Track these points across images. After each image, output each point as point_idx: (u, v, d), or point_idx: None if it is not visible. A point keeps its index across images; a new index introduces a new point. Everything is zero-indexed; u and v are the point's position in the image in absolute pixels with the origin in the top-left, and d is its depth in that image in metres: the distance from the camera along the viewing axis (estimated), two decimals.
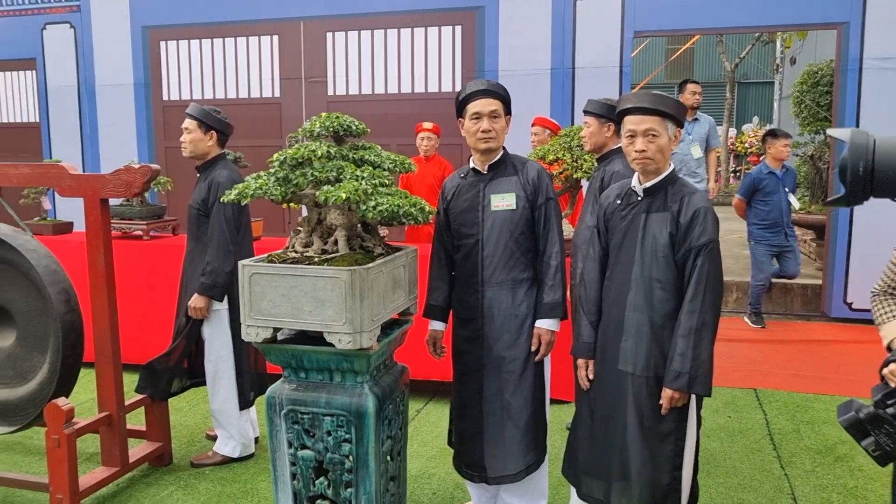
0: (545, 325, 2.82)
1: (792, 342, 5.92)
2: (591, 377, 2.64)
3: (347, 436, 2.48)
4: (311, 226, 2.62)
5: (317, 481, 2.54)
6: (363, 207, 2.42)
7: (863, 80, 6.02)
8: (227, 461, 3.74)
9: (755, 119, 20.28)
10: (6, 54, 7.89)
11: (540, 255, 2.85)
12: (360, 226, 2.66)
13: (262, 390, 3.74)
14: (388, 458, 2.66)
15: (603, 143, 3.63)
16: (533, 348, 2.83)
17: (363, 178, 2.47)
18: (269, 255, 2.56)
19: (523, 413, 2.83)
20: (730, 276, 7.39)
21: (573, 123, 6.11)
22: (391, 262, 2.56)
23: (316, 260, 2.45)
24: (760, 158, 16.72)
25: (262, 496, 3.42)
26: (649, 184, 2.50)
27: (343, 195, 2.34)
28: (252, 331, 2.46)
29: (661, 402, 2.42)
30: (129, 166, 3.30)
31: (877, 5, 5.94)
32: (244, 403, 3.71)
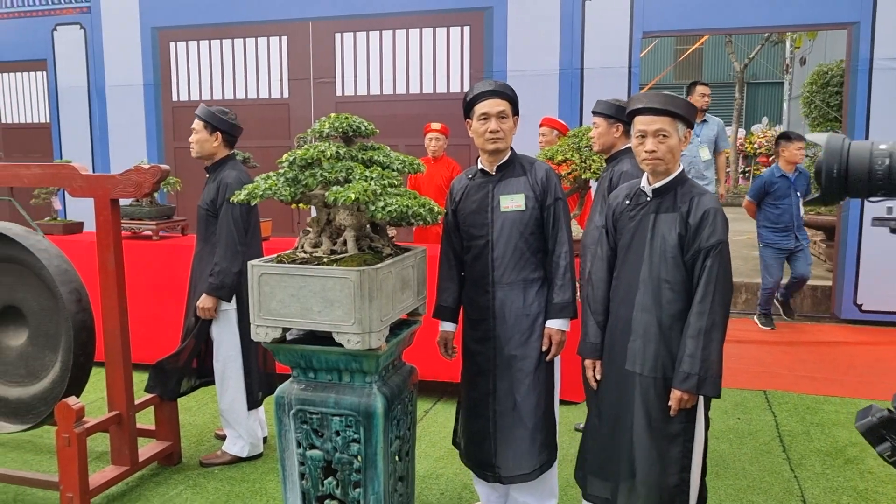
0: (555, 325, 2.82)
1: (802, 344, 5.89)
2: (598, 377, 2.64)
3: (356, 436, 2.48)
4: (321, 226, 2.63)
5: (325, 481, 2.55)
6: (372, 208, 2.42)
7: (873, 80, 5.99)
8: (235, 461, 3.75)
9: (764, 119, 20.20)
10: (17, 55, 7.95)
11: (549, 255, 2.85)
12: (368, 226, 2.67)
13: (271, 390, 3.75)
14: (397, 458, 2.67)
15: (612, 144, 3.64)
16: (543, 348, 2.83)
17: (372, 178, 2.48)
18: (278, 255, 2.57)
19: (536, 412, 2.83)
20: (739, 278, 7.36)
21: (581, 124, 6.10)
22: (400, 262, 2.56)
23: (325, 260, 2.46)
24: (770, 159, 16.65)
25: (271, 496, 3.43)
26: (659, 184, 2.50)
27: (352, 196, 2.35)
28: (261, 331, 2.47)
29: (669, 404, 2.42)
30: (140, 167, 3.31)
31: (887, 5, 5.91)
32: (252, 403, 3.73)
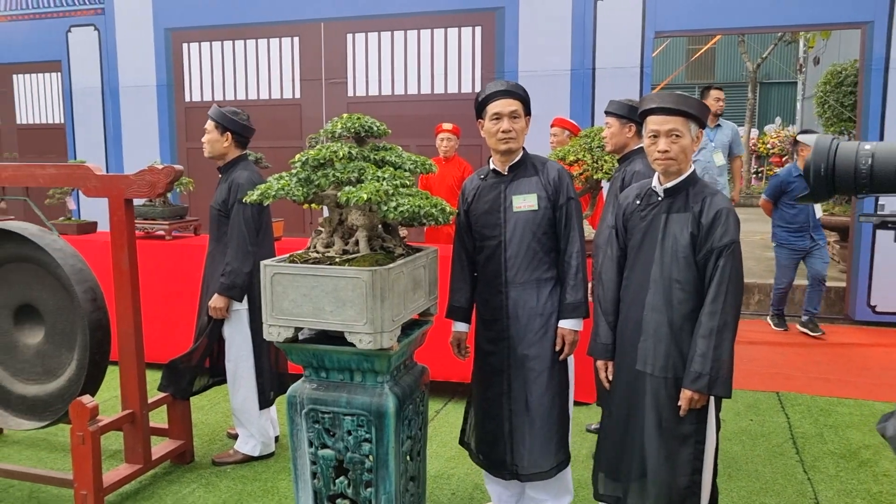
0: (568, 325, 2.82)
1: (815, 345, 5.86)
2: (610, 378, 2.64)
3: (367, 435, 2.49)
4: (333, 226, 2.64)
5: (337, 480, 2.56)
6: (384, 208, 2.43)
7: (888, 79, 5.94)
8: (247, 459, 3.77)
9: (777, 120, 20.08)
10: (32, 56, 8.02)
11: (561, 254, 2.85)
12: (380, 226, 2.67)
13: (283, 390, 3.76)
14: (408, 457, 2.67)
15: (624, 144, 3.63)
16: (557, 348, 2.83)
17: (384, 178, 2.48)
18: (290, 255, 2.58)
19: (552, 412, 2.83)
20: (752, 279, 7.33)
21: (593, 124, 6.09)
22: (412, 262, 2.57)
23: (337, 260, 2.47)
24: (783, 159, 16.54)
25: (283, 495, 3.44)
26: (670, 184, 2.49)
27: (364, 196, 2.35)
28: (274, 330, 2.48)
29: (679, 403, 2.41)
30: (153, 167, 3.33)
31: None
32: (264, 403, 3.74)
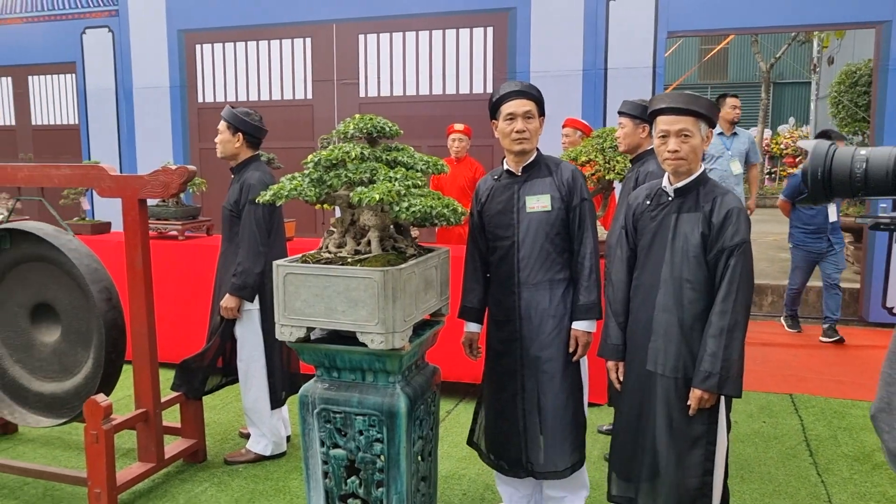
0: (582, 326, 2.81)
1: (829, 347, 5.81)
2: (621, 378, 2.64)
3: (379, 435, 2.50)
4: (345, 226, 2.64)
5: (348, 480, 2.56)
6: (396, 208, 2.44)
7: None
8: (259, 459, 3.79)
9: (791, 120, 19.97)
10: (48, 58, 8.09)
11: (574, 256, 2.84)
12: (392, 227, 2.68)
13: (294, 390, 3.78)
14: (420, 458, 2.68)
15: (637, 144, 3.62)
16: (570, 350, 2.83)
17: (396, 179, 2.49)
18: (303, 255, 2.59)
19: (566, 412, 2.82)
20: (765, 280, 7.28)
21: (605, 125, 6.08)
22: (423, 262, 2.57)
23: (349, 260, 2.47)
24: (797, 160, 16.44)
25: (294, 494, 3.46)
26: (680, 184, 2.49)
27: (376, 196, 2.36)
28: (286, 330, 2.49)
29: (688, 403, 2.40)
30: (167, 167, 3.35)
31: None
32: (275, 403, 3.75)
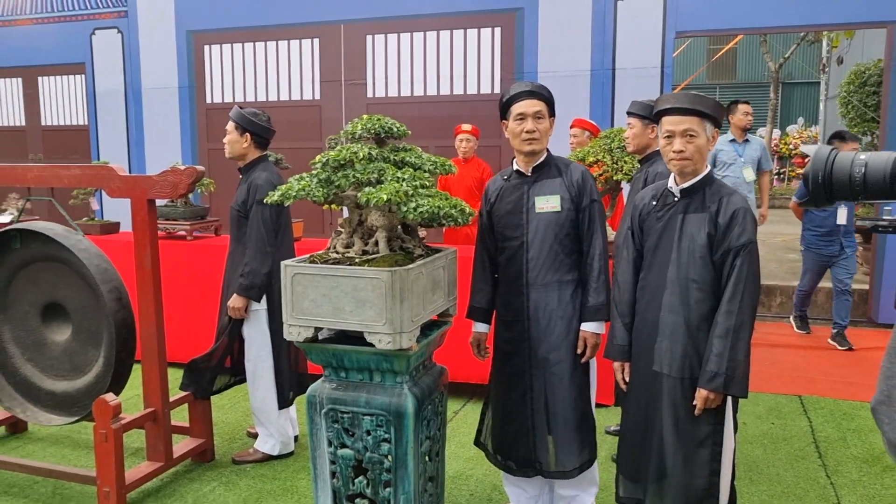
0: (590, 327, 2.81)
1: (838, 348, 5.78)
2: (626, 379, 2.64)
3: (387, 435, 2.50)
4: (352, 227, 2.65)
5: (356, 480, 2.57)
6: (404, 209, 2.44)
7: None
8: (267, 458, 3.80)
9: (800, 120, 19.88)
10: (57, 59, 8.13)
11: (584, 257, 2.84)
12: (400, 227, 2.68)
13: (302, 390, 3.78)
14: (427, 458, 2.68)
15: (646, 145, 3.62)
16: (578, 351, 2.83)
17: (404, 179, 2.49)
18: (310, 255, 2.60)
19: (574, 413, 2.82)
20: (773, 281, 7.26)
21: (613, 125, 6.06)
22: (431, 263, 2.57)
23: (357, 261, 2.48)
24: (805, 160, 16.37)
25: (302, 494, 3.46)
26: (687, 185, 2.48)
27: (384, 197, 2.36)
28: (294, 330, 2.49)
29: (694, 403, 2.40)
30: (175, 168, 3.36)
31: None
32: (283, 403, 3.76)
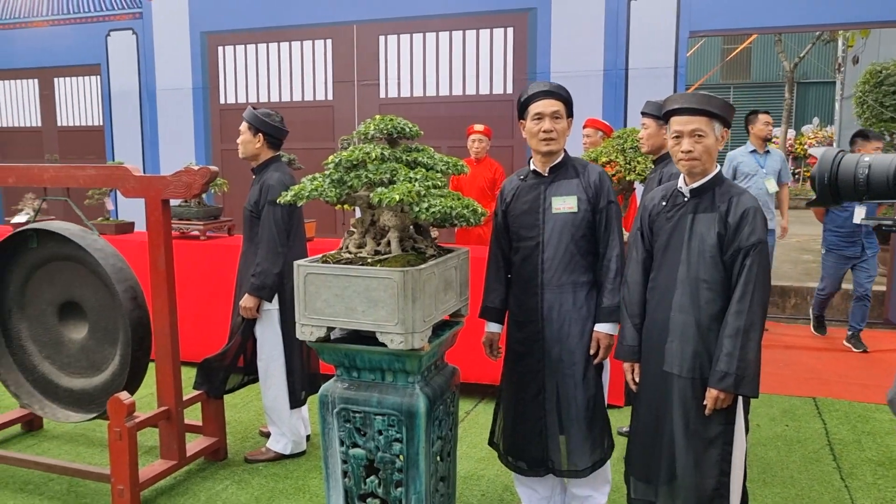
0: (604, 328, 2.80)
1: (853, 350, 5.73)
2: (636, 380, 2.64)
3: (398, 435, 2.50)
4: (365, 227, 2.66)
5: (367, 480, 2.57)
6: (416, 209, 2.44)
7: None
8: (279, 457, 3.81)
9: (815, 120, 19.73)
10: (73, 60, 8.20)
11: (600, 258, 2.83)
12: (412, 227, 2.68)
13: (314, 389, 3.79)
14: (438, 458, 2.68)
15: (661, 145, 3.61)
16: (591, 352, 2.82)
17: (416, 179, 2.49)
18: (323, 255, 2.60)
19: (587, 413, 2.82)
20: (787, 282, 7.21)
21: (626, 125, 6.04)
22: (443, 263, 2.57)
23: (369, 261, 2.48)
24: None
25: (314, 493, 3.47)
26: (696, 185, 2.48)
27: (396, 197, 2.37)
28: (306, 329, 2.50)
29: (704, 403, 2.39)
30: (189, 168, 3.38)
31: None
32: (295, 402, 3.77)
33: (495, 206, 3.01)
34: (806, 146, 17.17)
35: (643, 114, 3.65)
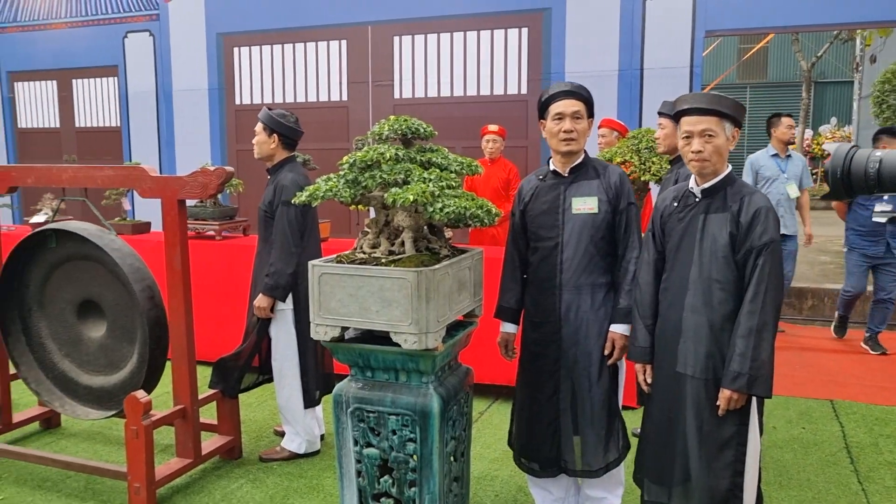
0: (620, 329, 2.79)
1: (871, 352, 5.67)
2: (649, 381, 2.63)
3: (412, 435, 2.51)
4: (379, 227, 2.66)
5: (381, 479, 2.58)
6: (430, 209, 2.44)
7: None
8: (293, 457, 3.83)
9: (833, 120, 19.55)
10: (91, 61, 8.29)
11: (619, 259, 2.82)
12: (426, 227, 2.69)
13: (329, 389, 3.81)
14: (452, 458, 2.68)
15: (677, 145, 3.58)
16: (606, 352, 2.81)
17: (430, 180, 2.50)
18: (337, 255, 2.62)
19: (601, 414, 2.81)
20: (805, 283, 7.15)
21: (641, 125, 6.02)
22: (457, 263, 2.58)
23: (383, 261, 2.49)
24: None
25: (328, 492, 3.49)
26: (707, 185, 2.47)
27: (411, 197, 2.37)
28: (321, 329, 2.51)
29: (717, 403, 2.38)
30: (205, 168, 3.41)
31: None
32: (309, 402, 3.78)
33: (512, 205, 3.00)
34: (823, 146, 17.02)
35: (660, 113, 3.64)
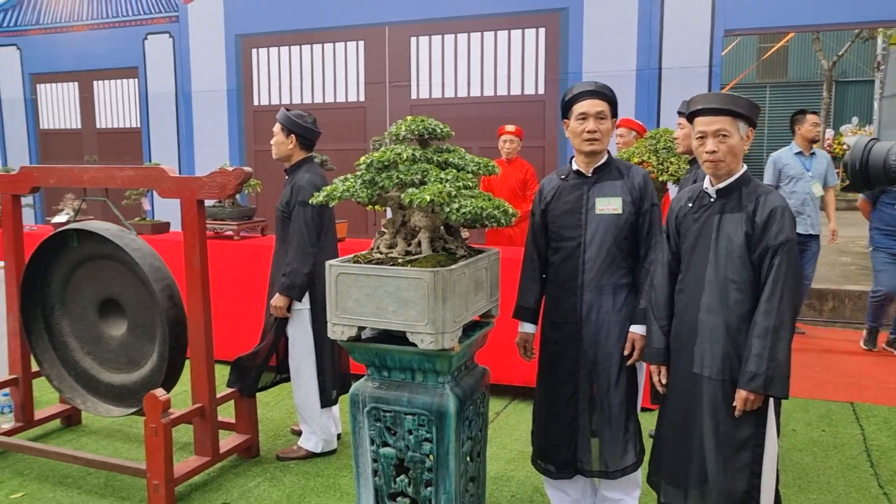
0: (640, 330, 2.77)
1: (892, 354, 5.60)
2: (664, 382, 2.61)
3: (428, 435, 2.51)
4: (396, 227, 2.67)
5: (398, 479, 2.59)
6: (447, 209, 2.45)
7: None
8: (310, 456, 3.85)
9: (854, 119, 19.30)
10: (111, 63, 8.38)
11: (641, 260, 2.81)
12: (443, 228, 2.69)
13: (345, 389, 3.82)
14: (468, 458, 2.68)
15: None
16: (626, 352, 2.80)
17: (447, 180, 2.50)
18: (354, 255, 2.63)
19: (620, 416, 2.80)
20: (825, 284, 7.07)
21: (659, 125, 5.98)
22: (473, 263, 2.58)
23: (400, 261, 2.50)
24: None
25: (344, 491, 3.50)
26: (722, 185, 2.46)
27: (427, 197, 2.38)
28: (338, 329, 2.53)
29: (734, 404, 2.36)
30: (224, 169, 3.43)
31: None
32: (325, 402, 3.80)
33: (533, 205, 2.99)
34: (845, 146, 16.83)
35: (679, 113, 3.62)
